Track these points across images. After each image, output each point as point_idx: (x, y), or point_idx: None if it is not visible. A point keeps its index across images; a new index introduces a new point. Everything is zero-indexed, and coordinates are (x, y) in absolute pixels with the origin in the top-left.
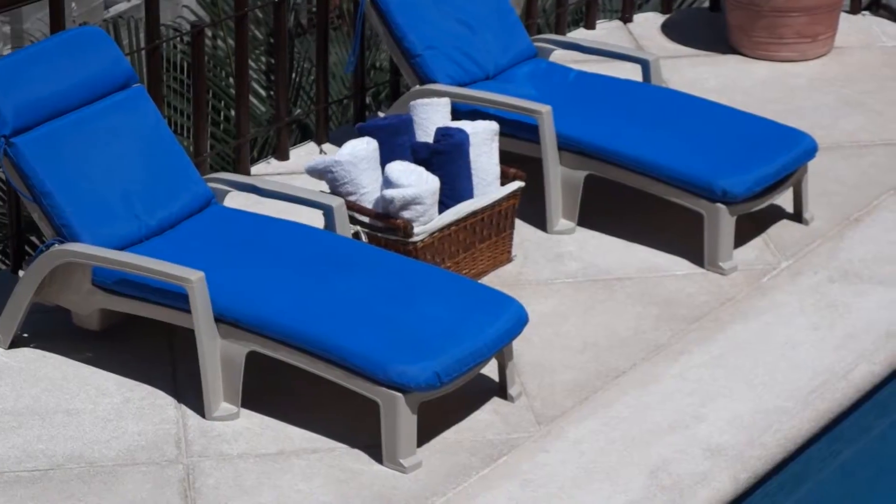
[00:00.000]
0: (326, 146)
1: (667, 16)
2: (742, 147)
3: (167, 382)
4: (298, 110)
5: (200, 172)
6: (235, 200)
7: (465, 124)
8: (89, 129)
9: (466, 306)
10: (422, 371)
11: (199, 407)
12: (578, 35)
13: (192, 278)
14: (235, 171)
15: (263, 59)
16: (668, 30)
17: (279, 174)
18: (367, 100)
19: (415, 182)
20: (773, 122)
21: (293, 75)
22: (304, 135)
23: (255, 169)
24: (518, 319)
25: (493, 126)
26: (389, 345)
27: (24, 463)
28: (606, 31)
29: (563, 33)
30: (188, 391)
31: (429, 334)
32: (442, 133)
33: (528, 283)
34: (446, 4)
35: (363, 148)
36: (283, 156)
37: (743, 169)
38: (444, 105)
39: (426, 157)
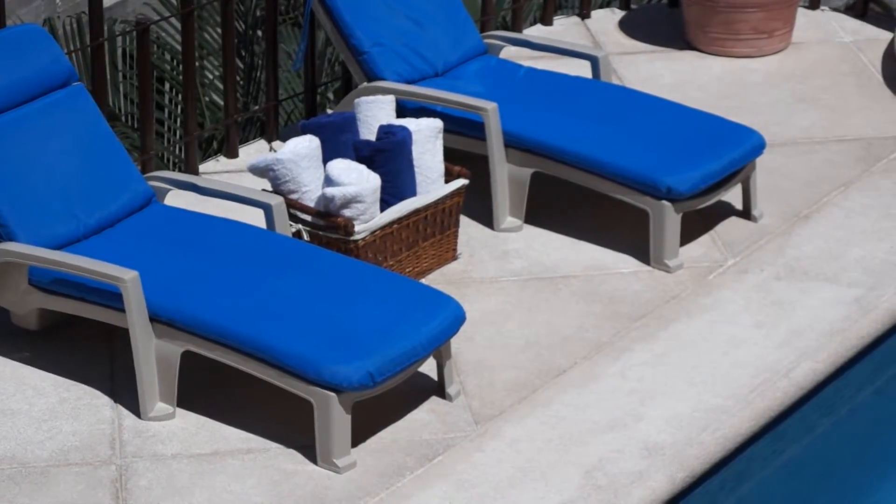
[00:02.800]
0: (276, 143)
1: (624, 12)
2: (688, 144)
3: (104, 382)
4: (256, 107)
5: (148, 170)
6: (181, 199)
7: (408, 122)
8: (28, 128)
9: (403, 305)
10: (355, 371)
11: (135, 407)
12: (535, 31)
13: (126, 278)
14: (185, 168)
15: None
16: (626, 26)
17: (227, 171)
18: (331, 95)
19: (355, 180)
20: (721, 119)
21: (255, 71)
22: (264, 132)
23: (203, 166)
24: (455, 318)
25: (437, 123)
26: (323, 344)
27: None
28: (564, 28)
29: (520, 30)
30: (125, 391)
31: (363, 334)
32: (384, 131)
33: (472, 282)
34: (395, 1)
35: (305, 146)
36: (232, 153)
37: (688, 166)
38: (388, 102)
39: (368, 154)
